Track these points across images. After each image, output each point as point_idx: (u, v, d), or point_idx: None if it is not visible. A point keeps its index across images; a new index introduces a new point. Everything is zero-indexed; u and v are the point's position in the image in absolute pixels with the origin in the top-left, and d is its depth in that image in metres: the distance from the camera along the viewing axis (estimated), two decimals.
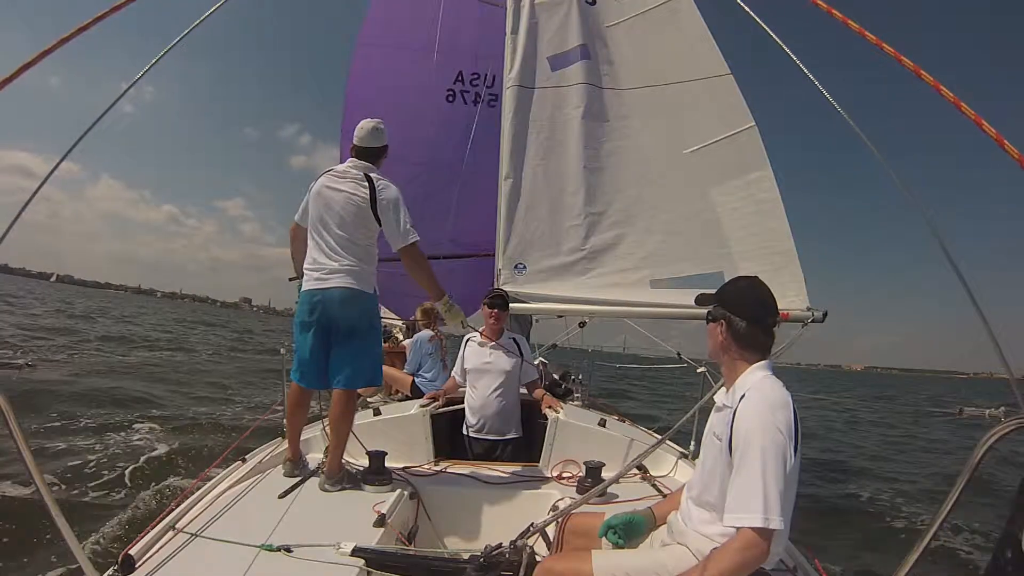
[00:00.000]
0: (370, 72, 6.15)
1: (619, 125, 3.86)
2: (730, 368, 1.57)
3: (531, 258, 3.77)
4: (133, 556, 1.64)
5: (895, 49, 1.44)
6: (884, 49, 1.46)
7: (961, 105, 1.29)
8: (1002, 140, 1.21)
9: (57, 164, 1.65)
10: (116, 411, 7.14)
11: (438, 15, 5.77)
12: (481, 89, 5.97)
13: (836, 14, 1.63)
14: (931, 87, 1.35)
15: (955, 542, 4.92)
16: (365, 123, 2.56)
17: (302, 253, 2.54)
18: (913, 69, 1.40)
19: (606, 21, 4.02)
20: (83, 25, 1.39)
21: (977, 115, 1.26)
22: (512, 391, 3.25)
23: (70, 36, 1.36)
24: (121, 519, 3.77)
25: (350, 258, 2.39)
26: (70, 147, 1.61)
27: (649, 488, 2.58)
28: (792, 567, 1.77)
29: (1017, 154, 1.18)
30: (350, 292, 2.37)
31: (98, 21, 1.43)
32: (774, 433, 1.35)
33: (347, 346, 2.41)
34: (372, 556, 1.71)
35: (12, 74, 1.23)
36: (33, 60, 1.28)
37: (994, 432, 1.19)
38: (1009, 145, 1.20)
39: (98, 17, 1.44)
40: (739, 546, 1.30)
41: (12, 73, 1.24)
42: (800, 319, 2.96)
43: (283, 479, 2.43)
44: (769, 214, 3.40)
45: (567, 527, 1.82)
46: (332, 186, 2.44)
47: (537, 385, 3.47)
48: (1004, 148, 1.20)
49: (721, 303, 1.59)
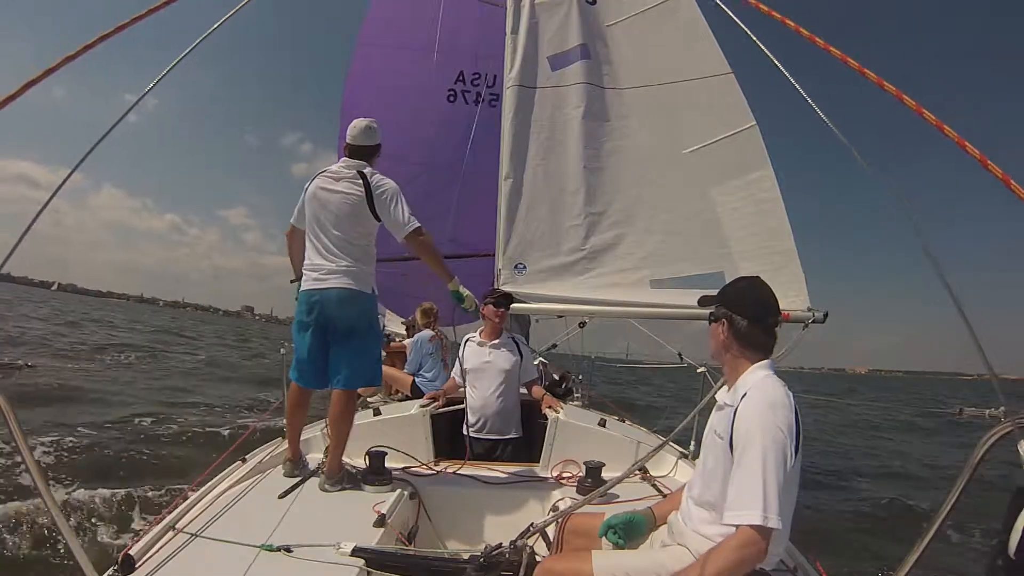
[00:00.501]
0: (369, 72, 6.14)
1: (619, 125, 3.86)
2: (732, 367, 1.58)
3: (531, 258, 3.76)
4: (133, 556, 1.64)
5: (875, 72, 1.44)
6: (867, 76, 1.46)
7: (944, 127, 1.30)
8: (986, 161, 1.22)
9: (67, 178, 1.66)
10: (115, 411, 7.14)
11: (438, 15, 5.76)
12: (482, 89, 5.96)
13: (831, 49, 1.62)
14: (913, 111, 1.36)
15: (956, 542, 4.92)
16: (358, 122, 2.56)
17: (300, 255, 2.54)
18: (896, 94, 1.41)
19: (606, 20, 4.02)
20: (88, 44, 1.39)
21: (960, 137, 1.27)
22: (512, 391, 3.26)
23: (75, 55, 1.36)
24: (121, 519, 3.77)
25: (347, 258, 2.39)
26: (79, 160, 1.60)
27: (649, 488, 2.58)
28: (792, 567, 1.77)
29: (1001, 174, 1.19)
30: (348, 292, 2.37)
31: (103, 40, 1.42)
32: (775, 432, 1.35)
33: (346, 346, 2.41)
34: (372, 556, 1.71)
35: (15, 92, 1.24)
36: (37, 78, 1.28)
37: (994, 432, 1.19)
38: (993, 165, 1.21)
39: (102, 36, 1.43)
40: (737, 544, 1.31)
41: (16, 91, 1.24)
42: (801, 319, 2.96)
43: (283, 479, 2.43)
44: (769, 214, 3.40)
45: (567, 527, 1.82)
46: (327, 187, 2.44)
47: (536, 384, 3.48)
48: (988, 168, 1.21)
49: (723, 303, 1.60)
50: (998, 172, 1.19)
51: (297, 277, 2.59)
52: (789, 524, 1.44)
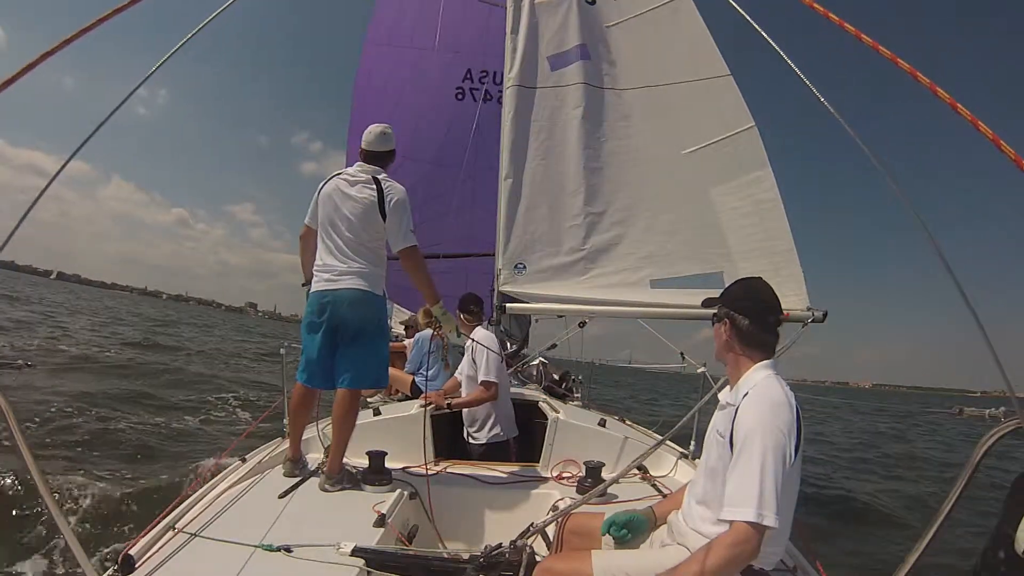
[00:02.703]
0: (378, 71, 6.16)
1: (619, 125, 3.86)
2: (734, 367, 1.59)
3: (531, 258, 3.77)
4: (133, 556, 1.63)
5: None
6: (899, 64, 1.42)
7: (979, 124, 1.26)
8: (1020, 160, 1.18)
9: (63, 165, 1.63)
10: (115, 412, 7.13)
11: (447, 14, 5.78)
12: (490, 86, 5.98)
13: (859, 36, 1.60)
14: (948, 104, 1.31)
15: (956, 542, 4.92)
16: (373, 128, 2.60)
17: (312, 257, 2.56)
18: (929, 86, 1.36)
19: (606, 21, 4.02)
20: (85, 27, 1.39)
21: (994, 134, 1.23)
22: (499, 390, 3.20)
23: (72, 38, 1.35)
24: (121, 519, 3.77)
25: (360, 260, 2.43)
26: (77, 147, 1.60)
27: (649, 488, 2.58)
28: (792, 567, 1.78)
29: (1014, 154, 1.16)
30: (360, 294, 2.40)
31: (101, 23, 1.42)
32: (775, 431, 1.35)
33: (354, 347, 2.43)
34: (372, 556, 1.71)
35: (14, 75, 1.23)
36: (35, 62, 1.28)
37: (994, 432, 1.20)
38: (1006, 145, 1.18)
39: (101, 19, 1.43)
40: (730, 541, 1.31)
41: (14, 74, 1.24)
42: (800, 319, 2.96)
43: (283, 479, 2.43)
44: (769, 214, 3.40)
45: (567, 527, 1.82)
46: (343, 190, 2.48)
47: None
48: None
49: (725, 303, 1.62)
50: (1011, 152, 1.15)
51: (307, 280, 2.60)
52: (789, 524, 1.44)
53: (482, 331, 3.37)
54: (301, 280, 2.69)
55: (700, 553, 1.36)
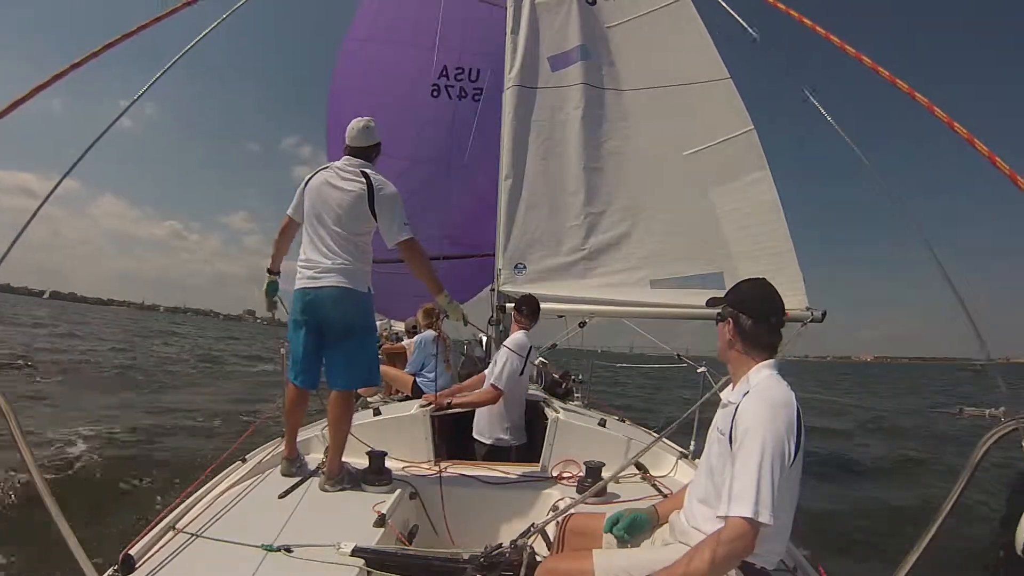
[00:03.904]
0: (355, 68, 6.13)
1: (619, 126, 3.87)
2: (736, 366, 1.60)
3: (531, 258, 3.77)
4: (133, 556, 1.63)
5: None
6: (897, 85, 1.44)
7: (976, 142, 1.29)
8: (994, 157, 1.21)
9: (56, 185, 1.63)
10: (113, 411, 7.13)
11: (424, 11, 5.79)
12: (466, 84, 5.98)
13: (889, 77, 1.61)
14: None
15: (956, 542, 4.92)
16: (355, 123, 2.55)
17: (286, 247, 2.58)
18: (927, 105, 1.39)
19: (606, 22, 4.03)
20: (76, 62, 1.41)
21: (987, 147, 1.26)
22: (512, 397, 3.18)
23: (63, 73, 1.37)
24: (121, 519, 3.77)
25: (345, 256, 2.38)
26: (70, 167, 1.60)
27: (649, 488, 2.58)
28: (792, 567, 1.77)
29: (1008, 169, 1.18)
30: (343, 291, 2.36)
31: (90, 59, 1.43)
32: (774, 429, 1.36)
33: (342, 346, 2.40)
34: (372, 556, 1.71)
35: (6, 108, 1.25)
36: (26, 96, 1.30)
37: (994, 432, 1.20)
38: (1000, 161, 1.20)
39: (91, 55, 1.44)
40: (725, 537, 1.31)
41: (6, 107, 1.25)
42: (799, 319, 2.97)
43: (283, 479, 2.43)
44: (768, 215, 3.41)
45: (567, 527, 1.82)
46: (331, 182, 2.43)
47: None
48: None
49: (729, 303, 1.64)
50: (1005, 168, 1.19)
51: (274, 268, 2.63)
52: (790, 523, 1.44)
53: (521, 338, 3.23)
54: (272, 268, 2.70)
55: (695, 549, 1.36)
